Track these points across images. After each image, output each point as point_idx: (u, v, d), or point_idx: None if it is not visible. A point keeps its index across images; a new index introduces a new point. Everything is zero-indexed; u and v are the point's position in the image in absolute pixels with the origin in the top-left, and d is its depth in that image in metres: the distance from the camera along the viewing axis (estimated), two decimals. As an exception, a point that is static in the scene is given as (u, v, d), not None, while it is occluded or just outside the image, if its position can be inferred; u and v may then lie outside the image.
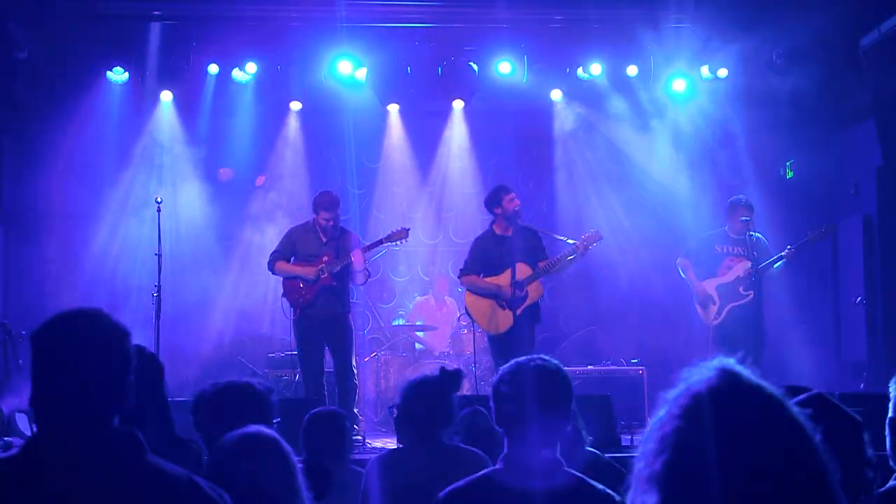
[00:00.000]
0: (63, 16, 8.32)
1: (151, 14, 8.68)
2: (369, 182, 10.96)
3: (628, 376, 9.00)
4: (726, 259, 8.07)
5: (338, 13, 8.63)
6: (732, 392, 1.37)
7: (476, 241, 7.72)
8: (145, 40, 8.90)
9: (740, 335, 7.77)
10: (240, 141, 10.64)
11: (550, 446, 2.65)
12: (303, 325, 7.61)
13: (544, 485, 2.58)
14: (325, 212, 7.55)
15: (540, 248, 7.56)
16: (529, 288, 7.35)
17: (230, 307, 10.70)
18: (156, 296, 7.32)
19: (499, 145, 11.04)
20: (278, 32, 9.07)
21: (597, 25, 8.95)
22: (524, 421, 2.63)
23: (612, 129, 10.73)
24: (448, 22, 9.04)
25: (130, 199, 10.25)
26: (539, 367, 2.70)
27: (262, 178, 10.89)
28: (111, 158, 10.13)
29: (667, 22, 8.98)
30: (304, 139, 10.74)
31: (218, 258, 10.78)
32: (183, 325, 10.23)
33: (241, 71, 9.22)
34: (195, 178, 10.58)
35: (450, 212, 11.13)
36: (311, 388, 7.48)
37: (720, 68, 9.22)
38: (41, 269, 9.89)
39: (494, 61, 9.31)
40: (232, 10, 8.73)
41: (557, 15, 8.81)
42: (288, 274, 7.62)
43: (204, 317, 10.44)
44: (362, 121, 10.54)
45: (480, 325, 7.61)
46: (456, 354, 9.34)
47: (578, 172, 10.97)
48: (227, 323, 10.64)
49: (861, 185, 9.20)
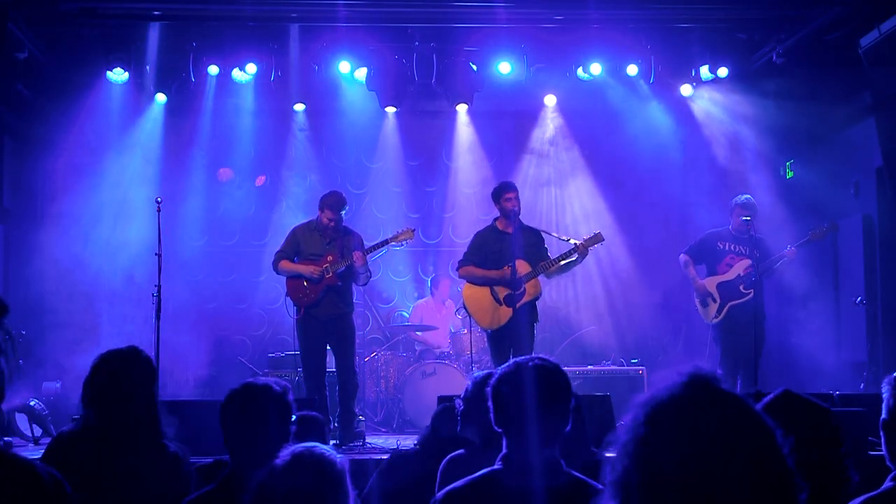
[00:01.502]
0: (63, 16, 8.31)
1: (151, 14, 8.67)
2: (369, 182, 10.97)
3: (628, 376, 9.01)
4: (727, 256, 8.08)
5: (338, 13, 8.63)
6: (697, 401, 1.37)
7: (477, 235, 7.75)
8: (145, 40, 8.89)
9: (740, 334, 7.77)
10: (240, 141, 10.65)
11: (550, 446, 2.65)
12: (306, 324, 7.60)
13: (543, 485, 2.58)
14: (329, 211, 7.55)
15: (541, 248, 7.59)
16: (527, 285, 7.37)
17: (230, 307, 10.70)
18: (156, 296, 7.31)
19: (499, 145, 11.05)
20: (278, 32, 9.07)
21: (597, 25, 8.94)
22: (523, 421, 2.63)
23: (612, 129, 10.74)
24: (448, 22, 9.02)
25: (130, 199, 10.25)
26: (538, 367, 2.71)
27: (263, 177, 10.90)
28: (111, 158, 10.14)
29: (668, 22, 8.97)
30: (304, 139, 10.75)
31: (218, 258, 10.79)
32: (183, 325, 10.23)
33: (241, 71, 9.22)
34: (195, 178, 10.58)
35: (450, 212, 11.13)
36: (313, 388, 7.48)
37: (720, 67, 9.20)
38: (41, 269, 9.89)
39: (494, 61, 9.30)
40: (232, 11, 8.72)
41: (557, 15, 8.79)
42: (292, 273, 7.62)
43: (204, 317, 10.44)
44: (362, 121, 10.54)
45: (477, 320, 7.65)
46: (456, 354, 9.34)
47: (578, 173, 10.97)
48: (227, 323, 10.65)
49: (861, 185, 9.20)
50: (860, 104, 8.79)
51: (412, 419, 8.82)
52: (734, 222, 8.08)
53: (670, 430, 1.35)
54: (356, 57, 9.27)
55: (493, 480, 2.65)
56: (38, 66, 8.98)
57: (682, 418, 1.35)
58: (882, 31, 7.49)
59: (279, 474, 2.23)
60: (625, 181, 10.80)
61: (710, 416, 1.35)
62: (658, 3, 8.53)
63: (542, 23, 9.00)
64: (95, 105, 9.77)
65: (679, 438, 1.33)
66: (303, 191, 10.62)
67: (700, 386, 1.38)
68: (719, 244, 8.15)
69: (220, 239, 10.82)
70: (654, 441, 1.35)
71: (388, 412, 9.21)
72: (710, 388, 1.38)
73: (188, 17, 8.94)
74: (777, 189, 10.02)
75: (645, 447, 1.35)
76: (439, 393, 6.88)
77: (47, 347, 9.30)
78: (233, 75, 9.30)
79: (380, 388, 9.36)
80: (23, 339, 8.64)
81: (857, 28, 7.89)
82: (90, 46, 9.09)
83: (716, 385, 1.39)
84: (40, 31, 8.65)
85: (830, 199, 9.27)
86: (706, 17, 8.80)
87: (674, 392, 1.37)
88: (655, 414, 1.37)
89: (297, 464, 2.23)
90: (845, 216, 9.05)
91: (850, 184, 9.31)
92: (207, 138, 10.52)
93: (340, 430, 7.48)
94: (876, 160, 8.51)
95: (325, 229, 7.59)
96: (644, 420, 1.37)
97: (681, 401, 1.37)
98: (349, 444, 7.32)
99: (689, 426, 1.34)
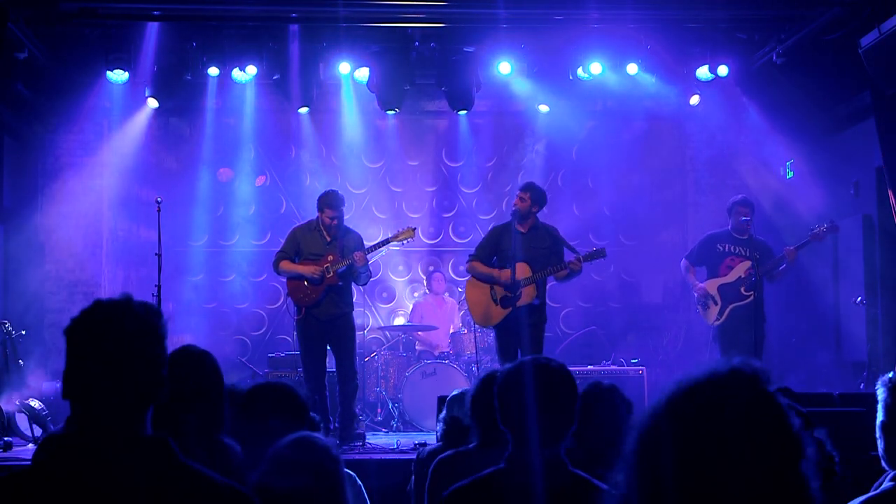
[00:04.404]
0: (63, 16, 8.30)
1: (151, 14, 8.66)
2: (369, 182, 10.97)
3: (628, 376, 9.00)
4: (727, 258, 8.08)
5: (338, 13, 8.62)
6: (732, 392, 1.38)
7: (492, 230, 7.78)
8: (145, 41, 8.88)
9: (742, 336, 7.77)
10: (239, 141, 10.65)
11: (553, 446, 2.66)
12: (306, 324, 7.60)
13: (547, 484, 2.59)
14: (329, 210, 7.55)
15: (556, 248, 7.48)
16: (524, 290, 7.34)
17: (230, 307, 10.71)
18: (155, 296, 7.31)
19: (499, 145, 11.06)
20: (278, 32, 9.06)
21: (597, 25, 8.94)
22: (527, 420, 2.65)
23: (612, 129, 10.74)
24: (448, 22, 9.02)
25: (130, 199, 10.26)
26: (541, 367, 2.73)
27: (263, 177, 10.90)
28: (111, 158, 10.14)
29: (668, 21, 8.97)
30: (304, 139, 10.75)
31: (218, 258, 10.79)
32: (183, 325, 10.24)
33: (241, 71, 9.21)
34: (195, 178, 10.58)
35: (450, 212, 11.13)
36: (313, 388, 7.47)
37: (720, 67, 9.20)
38: (41, 269, 9.90)
39: (494, 61, 9.30)
40: (232, 11, 8.72)
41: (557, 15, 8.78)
42: (292, 274, 7.61)
43: (204, 317, 10.45)
44: (362, 121, 10.55)
45: (472, 316, 7.71)
46: (456, 354, 9.34)
47: (579, 172, 10.97)
48: (227, 323, 10.65)
49: (861, 185, 9.20)
50: (860, 104, 8.78)
51: (412, 419, 8.82)
52: (733, 223, 8.09)
53: (696, 415, 1.35)
54: (356, 57, 9.27)
55: (497, 479, 2.66)
56: (38, 66, 8.97)
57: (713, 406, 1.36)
58: (882, 31, 7.48)
59: (281, 463, 2.23)
60: (624, 181, 10.80)
61: (746, 415, 1.36)
62: (658, 3, 8.52)
63: (542, 23, 8.99)
64: (95, 105, 9.77)
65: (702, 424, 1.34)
66: (303, 191, 10.62)
67: (740, 380, 1.39)
68: (719, 246, 8.16)
69: (220, 239, 10.82)
70: (656, 441, 1.37)
71: (388, 412, 9.22)
72: (745, 385, 1.39)
73: (188, 18, 8.94)
74: (777, 189, 10.03)
75: (650, 445, 1.37)
76: (439, 393, 6.89)
77: (47, 348, 9.30)
78: (233, 75, 9.29)
79: (380, 388, 9.37)
80: (23, 340, 8.63)
81: (857, 28, 7.88)
82: (90, 46, 9.08)
83: (751, 383, 1.40)
84: (40, 31, 8.64)
85: (830, 199, 9.27)
86: (706, 16, 8.79)
87: (711, 380, 1.39)
88: (672, 412, 1.38)
89: (297, 449, 2.24)
90: (845, 216, 9.05)
91: (850, 184, 9.31)
92: (207, 138, 10.53)
93: (341, 431, 7.48)
94: (876, 160, 8.50)
95: (327, 228, 7.59)
96: (662, 416, 1.38)
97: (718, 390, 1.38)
98: (349, 444, 7.32)
99: (714, 416, 1.35)
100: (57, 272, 10.01)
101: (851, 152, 9.25)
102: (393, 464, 6.45)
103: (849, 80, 8.59)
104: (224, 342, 10.50)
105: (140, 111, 9.87)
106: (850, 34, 8.03)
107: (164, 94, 9.32)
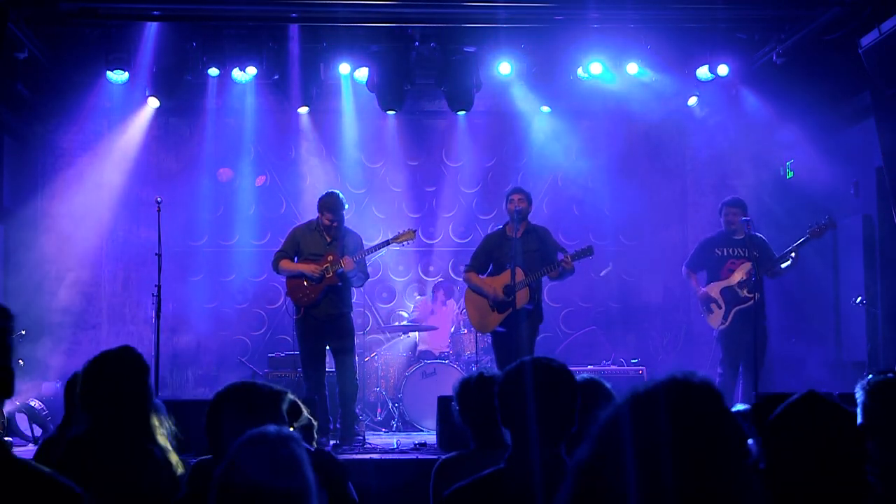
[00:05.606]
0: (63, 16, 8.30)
1: (151, 14, 8.66)
2: (369, 182, 10.97)
3: (628, 376, 9.01)
4: (728, 262, 8.09)
5: (338, 13, 8.63)
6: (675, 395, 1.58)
7: (486, 238, 7.89)
8: (145, 41, 8.88)
9: (745, 336, 7.78)
10: (240, 141, 10.65)
11: (553, 445, 2.66)
12: (306, 324, 7.60)
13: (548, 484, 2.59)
14: (329, 213, 7.56)
15: (546, 253, 7.53)
16: (517, 294, 7.38)
17: (230, 307, 10.70)
18: (155, 296, 7.31)
19: (499, 145, 11.05)
20: (278, 32, 9.06)
21: (597, 25, 8.94)
22: (526, 420, 2.65)
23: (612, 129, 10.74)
24: (448, 22, 9.02)
25: (130, 200, 10.26)
26: (541, 367, 2.73)
27: (263, 177, 10.90)
28: (111, 158, 10.13)
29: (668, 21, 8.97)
30: (304, 139, 10.75)
31: (218, 258, 10.79)
32: (183, 325, 10.24)
33: (241, 71, 9.21)
34: (195, 178, 10.58)
35: (450, 212, 11.13)
36: (312, 388, 7.47)
37: (720, 67, 9.20)
38: (41, 269, 9.89)
39: (494, 61, 9.29)
40: (232, 11, 8.71)
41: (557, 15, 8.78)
42: (292, 272, 7.61)
43: (204, 317, 10.44)
44: (362, 121, 10.55)
45: (471, 321, 7.80)
46: (456, 354, 9.34)
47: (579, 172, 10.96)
48: (227, 323, 10.64)
49: (861, 185, 9.19)
50: (860, 104, 8.78)
51: (412, 419, 8.82)
52: (724, 224, 8.15)
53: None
54: (356, 57, 9.27)
55: (497, 479, 2.66)
56: (38, 66, 8.98)
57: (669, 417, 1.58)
58: (882, 31, 7.47)
59: (238, 458, 2.23)
60: (624, 181, 10.80)
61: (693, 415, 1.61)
62: (658, 3, 8.52)
63: (542, 23, 8.99)
64: (95, 105, 9.77)
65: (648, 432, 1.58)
66: (303, 191, 10.62)
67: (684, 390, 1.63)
68: (717, 250, 8.17)
69: (220, 239, 10.82)
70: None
71: (388, 412, 9.22)
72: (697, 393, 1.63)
73: (188, 18, 8.93)
74: (777, 189, 10.03)
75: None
76: (439, 393, 6.90)
77: (47, 347, 9.30)
78: (233, 75, 9.29)
79: (380, 388, 9.37)
80: (23, 339, 8.63)
81: (857, 28, 7.88)
82: (90, 46, 9.09)
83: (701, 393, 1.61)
84: (40, 31, 8.65)
85: (830, 199, 9.26)
86: (706, 16, 8.79)
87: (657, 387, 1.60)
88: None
89: (254, 444, 2.24)
90: (845, 216, 9.05)
91: (850, 184, 9.30)
92: (207, 138, 10.53)
93: (341, 431, 7.48)
94: (876, 160, 8.50)
95: (327, 230, 7.60)
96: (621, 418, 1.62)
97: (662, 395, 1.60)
98: (350, 444, 7.32)
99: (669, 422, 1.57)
100: (57, 272, 10.00)
101: (851, 152, 9.25)
102: (393, 464, 6.45)
103: (849, 80, 8.58)
104: (224, 342, 10.51)
105: (140, 111, 9.88)
106: (850, 34, 8.02)
107: (164, 94, 9.33)
